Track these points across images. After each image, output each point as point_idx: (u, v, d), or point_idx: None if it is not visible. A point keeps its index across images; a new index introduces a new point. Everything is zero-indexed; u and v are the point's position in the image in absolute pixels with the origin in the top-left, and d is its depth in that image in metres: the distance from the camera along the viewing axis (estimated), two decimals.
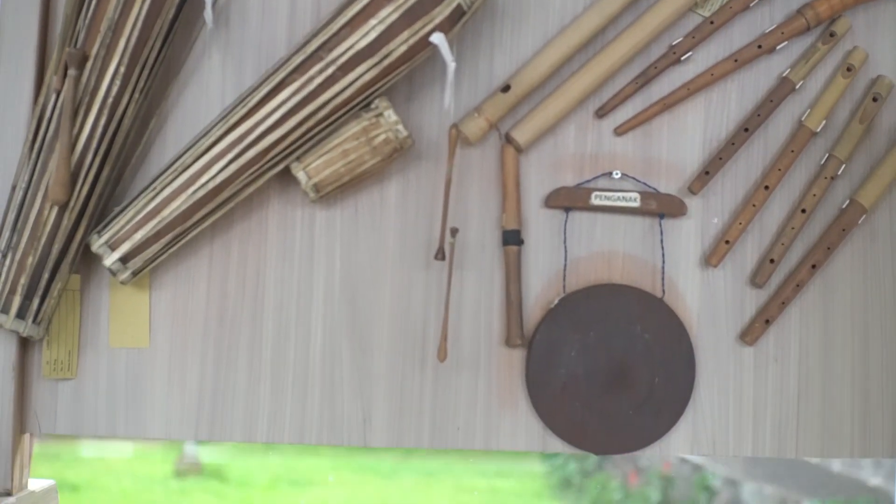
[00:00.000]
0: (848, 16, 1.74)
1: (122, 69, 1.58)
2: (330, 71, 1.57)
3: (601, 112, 1.72)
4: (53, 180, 1.55)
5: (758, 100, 1.74)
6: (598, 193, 1.69)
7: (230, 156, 1.59)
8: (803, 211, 1.72)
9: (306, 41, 1.59)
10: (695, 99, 1.73)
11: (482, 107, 1.68)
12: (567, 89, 1.69)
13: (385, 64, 1.58)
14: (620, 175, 1.71)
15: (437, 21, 1.55)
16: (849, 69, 1.73)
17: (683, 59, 1.72)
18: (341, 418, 1.69)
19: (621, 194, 1.69)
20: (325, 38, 1.57)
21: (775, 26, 1.73)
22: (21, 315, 1.58)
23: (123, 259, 1.60)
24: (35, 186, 1.57)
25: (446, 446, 1.69)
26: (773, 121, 1.74)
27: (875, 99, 1.73)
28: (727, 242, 1.71)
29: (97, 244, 1.60)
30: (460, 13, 1.56)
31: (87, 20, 1.57)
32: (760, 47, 1.72)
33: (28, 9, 1.64)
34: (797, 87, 1.73)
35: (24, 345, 1.66)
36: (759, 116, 1.72)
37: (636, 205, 1.69)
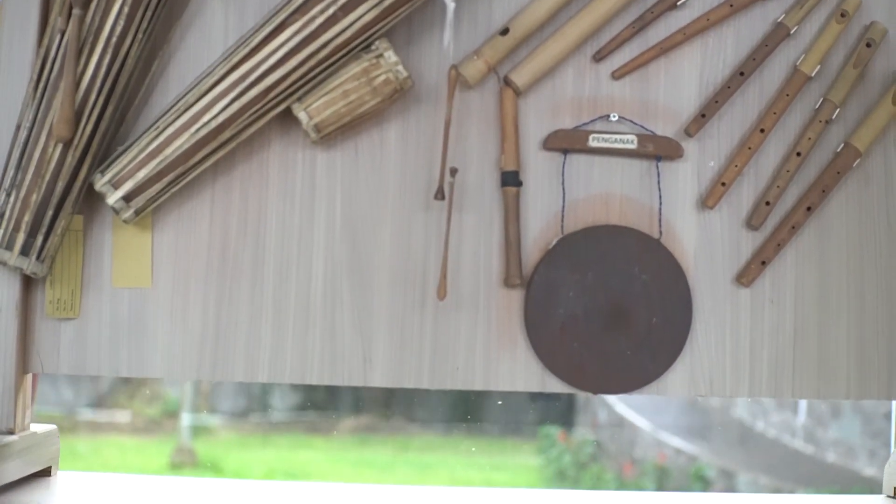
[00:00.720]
0: None
1: (126, 9, 1.59)
2: (331, 11, 1.59)
3: (599, 56, 1.74)
4: (58, 118, 1.57)
5: (753, 45, 1.75)
6: (596, 135, 1.71)
7: (232, 95, 1.60)
8: (798, 154, 1.73)
9: None
10: (691, 43, 1.75)
11: (481, 50, 1.69)
12: (565, 33, 1.71)
13: (385, 5, 1.60)
14: (618, 118, 1.73)
15: None
16: (843, 15, 1.74)
17: (680, 4, 1.74)
18: (342, 358, 1.70)
19: (619, 136, 1.71)
20: None
21: None
22: (25, 252, 1.59)
23: (126, 198, 1.61)
24: (39, 125, 1.59)
25: (445, 386, 1.71)
26: (769, 65, 1.76)
27: (869, 44, 1.74)
28: (723, 184, 1.72)
29: (100, 183, 1.61)
30: None
31: None
32: None
33: None
34: (792, 33, 1.75)
35: (28, 284, 1.67)
36: (755, 61, 1.74)
37: (633, 147, 1.71)
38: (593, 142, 1.71)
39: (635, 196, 1.73)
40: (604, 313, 1.70)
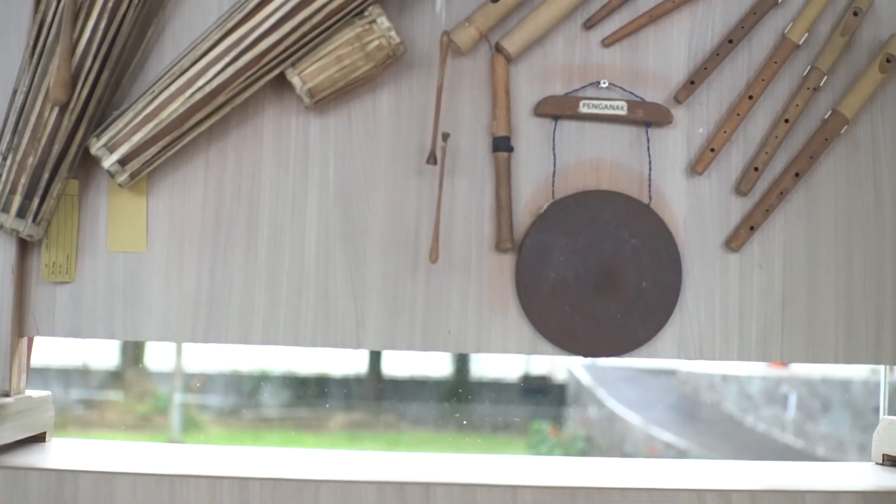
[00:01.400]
0: None
1: None
2: None
3: (589, 23, 1.76)
4: (54, 81, 1.59)
5: (742, 12, 1.77)
6: (586, 102, 1.73)
7: (226, 60, 1.62)
8: (786, 121, 1.75)
9: None
10: (680, 11, 1.77)
11: (473, 17, 1.71)
12: (556, 1, 1.73)
13: None
14: (608, 84, 1.75)
15: None
16: None
17: None
18: (335, 321, 1.71)
19: (609, 102, 1.73)
20: None
21: None
22: (21, 214, 1.61)
23: (122, 161, 1.62)
24: (36, 89, 1.60)
25: (438, 349, 1.72)
26: (757, 33, 1.78)
27: (856, 13, 1.77)
28: (712, 150, 1.74)
29: (96, 146, 1.62)
30: None
31: None
32: None
33: None
34: (780, 1, 1.77)
35: (23, 248, 1.68)
36: (743, 29, 1.76)
37: (623, 113, 1.73)
38: (584, 108, 1.73)
39: (625, 162, 1.75)
40: (594, 277, 1.71)
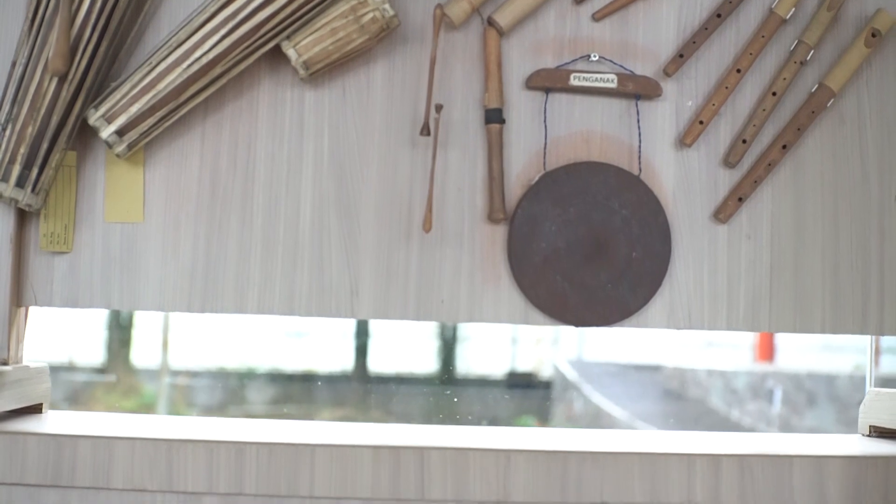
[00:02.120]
0: None
1: None
2: None
3: None
4: (53, 52, 1.61)
5: None
6: (577, 75, 1.75)
7: (223, 32, 1.64)
8: (774, 94, 1.78)
9: None
10: None
11: None
12: None
13: None
14: (598, 58, 1.77)
15: None
16: None
17: None
18: (329, 290, 1.74)
19: (599, 75, 1.75)
20: None
21: None
22: (20, 184, 1.63)
23: (119, 132, 1.64)
24: (35, 61, 1.62)
25: (431, 319, 1.75)
26: (745, 8, 1.80)
27: None
28: (701, 122, 1.77)
29: (94, 117, 1.64)
30: None
31: None
32: None
33: None
34: None
35: (22, 219, 1.70)
36: (731, 3, 1.78)
37: (613, 86, 1.75)
38: (574, 81, 1.75)
39: (615, 134, 1.78)
40: (585, 247, 1.74)
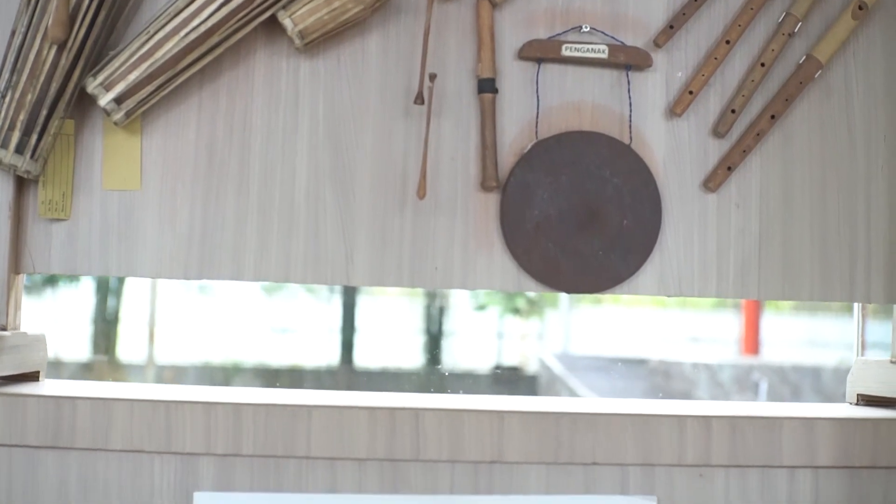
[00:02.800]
0: None
1: None
2: None
3: None
4: (53, 20, 1.63)
5: None
6: (569, 45, 1.78)
7: (220, 1, 1.66)
8: (762, 65, 1.81)
9: None
10: None
11: None
12: None
13: None
14: (589, 29, 1.80)
15: None
16: None
17: None
18: (325, 257, 1.76)
19: (590, 46, 1.78)
20: None
21: None
22: (19, 150, 1.64)
23: (118, 100, 1.66)
24: (34, 29, 1.64)
25: (425, 286, 1.77)
26: None
27: None
28: (691, 93, 1.79)
29: (93, 85, 1.66)
30: None
31: None
32: None
33: None
34: None
35: (20, 186, 1.72)
36: None
37: (604, 56, 1.78)
38: (566, 51, 1.78)
39: (606, 103, 1.80)
40: (577, 215, 1.76)
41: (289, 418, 1.62)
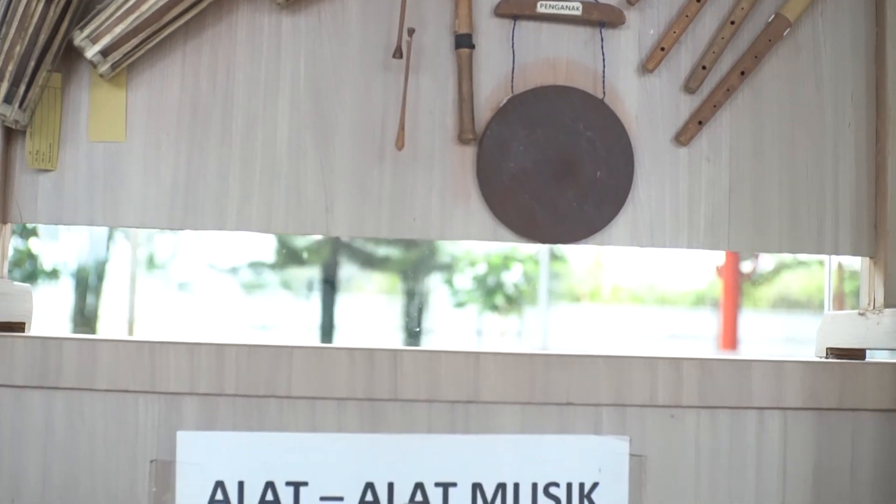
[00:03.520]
0: None
1: None
2: None
3: None
4: None
5: None
6: (544, 3, 1.82)
7: None
8: (732, 23, 1.85)
9: None
10: None
11: None
12: None
13: None
14: None
15: None
16: None
17: None
18: (305, 208, 1.80)
19: (565, 3, 1.83)
20: None
21: None
22: (8, 100, 1.68)
23: (104, 52, 1.70)
24: None
25: (403, 236, 1.81)
26: None
27: None
28: (662, 49, 1.84)
29: (80, 38, 1.70)
30: None
31: None
32: None
33: None
34: None
35: (8, 137, 1.75)
36: None
37: (578, 13, 1.83)
38: (541, 8, 1.82)
39: (580, 60, 1.85)
40: (552, 167, 1.81)
41: (270, 359, 1.66)
